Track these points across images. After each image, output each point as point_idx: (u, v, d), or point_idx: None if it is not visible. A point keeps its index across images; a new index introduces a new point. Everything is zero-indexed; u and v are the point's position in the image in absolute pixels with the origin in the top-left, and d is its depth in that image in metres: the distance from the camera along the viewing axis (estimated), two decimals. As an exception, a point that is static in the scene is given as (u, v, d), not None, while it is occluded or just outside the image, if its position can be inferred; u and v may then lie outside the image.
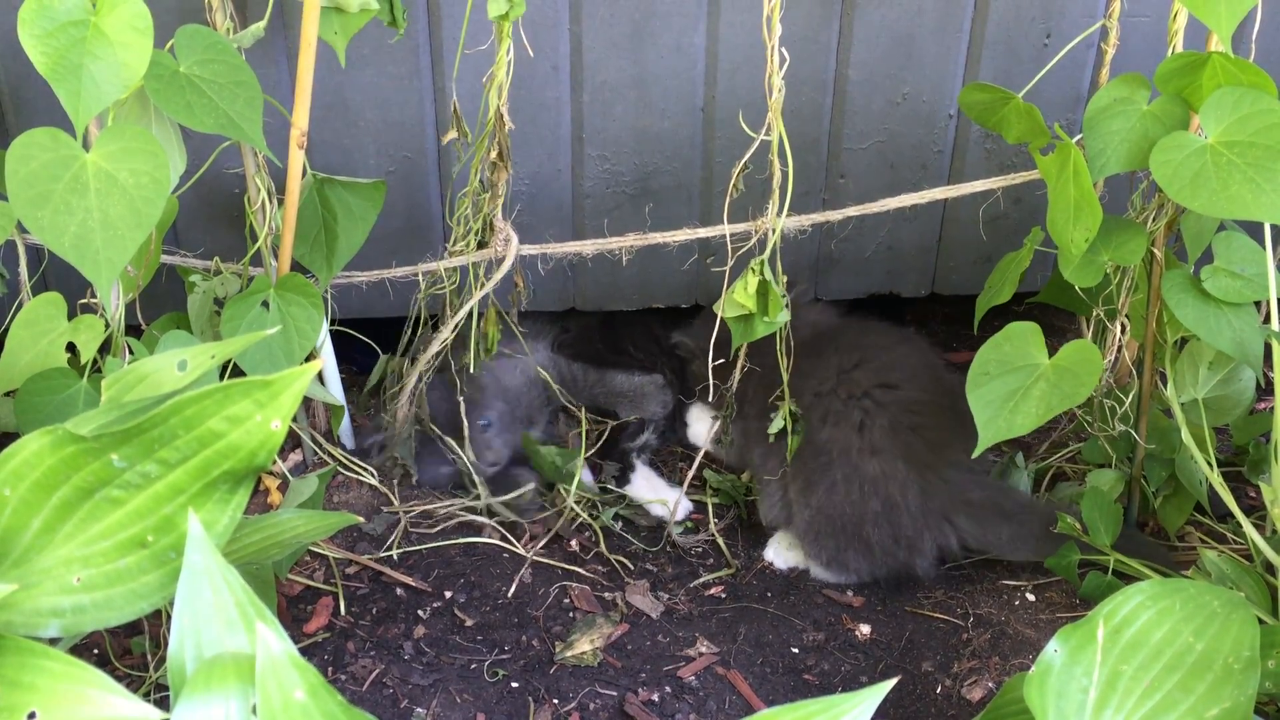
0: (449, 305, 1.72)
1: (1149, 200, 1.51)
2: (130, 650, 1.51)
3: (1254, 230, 1.41)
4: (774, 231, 1.53)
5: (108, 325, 1.45)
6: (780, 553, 1.73)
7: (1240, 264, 1.42)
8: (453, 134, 1.56)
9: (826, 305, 1.89)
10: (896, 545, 1.61)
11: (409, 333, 1.82)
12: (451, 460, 1.83)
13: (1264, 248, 1.40)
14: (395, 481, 1.81)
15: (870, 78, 1.74)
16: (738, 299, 1.54)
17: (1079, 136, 1.42)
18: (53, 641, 0.93)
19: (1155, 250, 1.49)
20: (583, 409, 1.93)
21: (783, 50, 1.42)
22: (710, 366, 1.61)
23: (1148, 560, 1.54)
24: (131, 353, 1.47)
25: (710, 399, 1.76)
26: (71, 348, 1.46)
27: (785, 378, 1.63)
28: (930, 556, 1.62)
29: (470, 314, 1.71)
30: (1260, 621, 1.18)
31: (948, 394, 1.65)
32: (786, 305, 1.54)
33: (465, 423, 1.80)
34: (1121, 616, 1.13)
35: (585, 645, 1.56)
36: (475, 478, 1.80)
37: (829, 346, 1.70)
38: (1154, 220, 1.49)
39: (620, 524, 1.80)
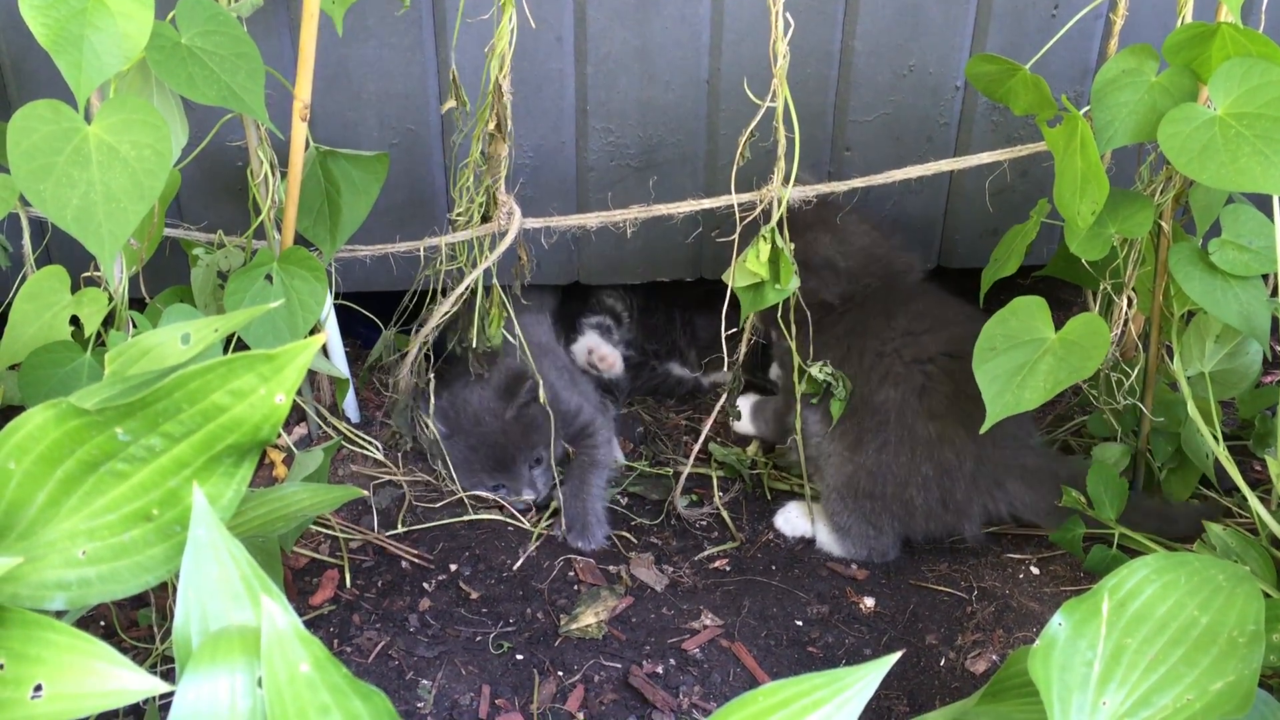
0: (456, 278, 1.72)
1: (1156, 173, 1.51)
2: (137, 623, 1.51)
3: (1262, 203, 1.40)
4: (779, 201, 1.52)
5: (111, 298, 1.44)
6: (790, 520, 1.73)
7: (1248, 237, 1.41)
8: (451, 103, 1.55)
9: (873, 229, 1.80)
10: (945, 510, 1.60)
11: (416, 306, 1.81)
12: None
13: (1272, 220, 1.39)
14: (400, 454, 1.82)
15: (876, 49, 1.73)
16: (750, 267, 1.53)
17: (1086, 108, 1.41)
18: (59, 614, 0.94)
19: (1162, 223, 1.48)
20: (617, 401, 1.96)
21: (787, 16, 1.41)
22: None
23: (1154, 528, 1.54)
24: (135, 326, 1.47)
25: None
26: (75, 321, 1.46)
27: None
28: (978, 522, 1.61)
29: (473, 288, 1.70)
30: (1265, 595, 1.18)
31: None
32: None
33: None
34: (1126, 590, 1.13)
35: (590, 618, 1.57)
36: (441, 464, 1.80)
37: (899, 309, 1.67)
38: (1161, 193, 1.48)
39: (625, 499, 1.80)
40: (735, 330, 1.63)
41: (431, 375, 1.78)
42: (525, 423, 1.77)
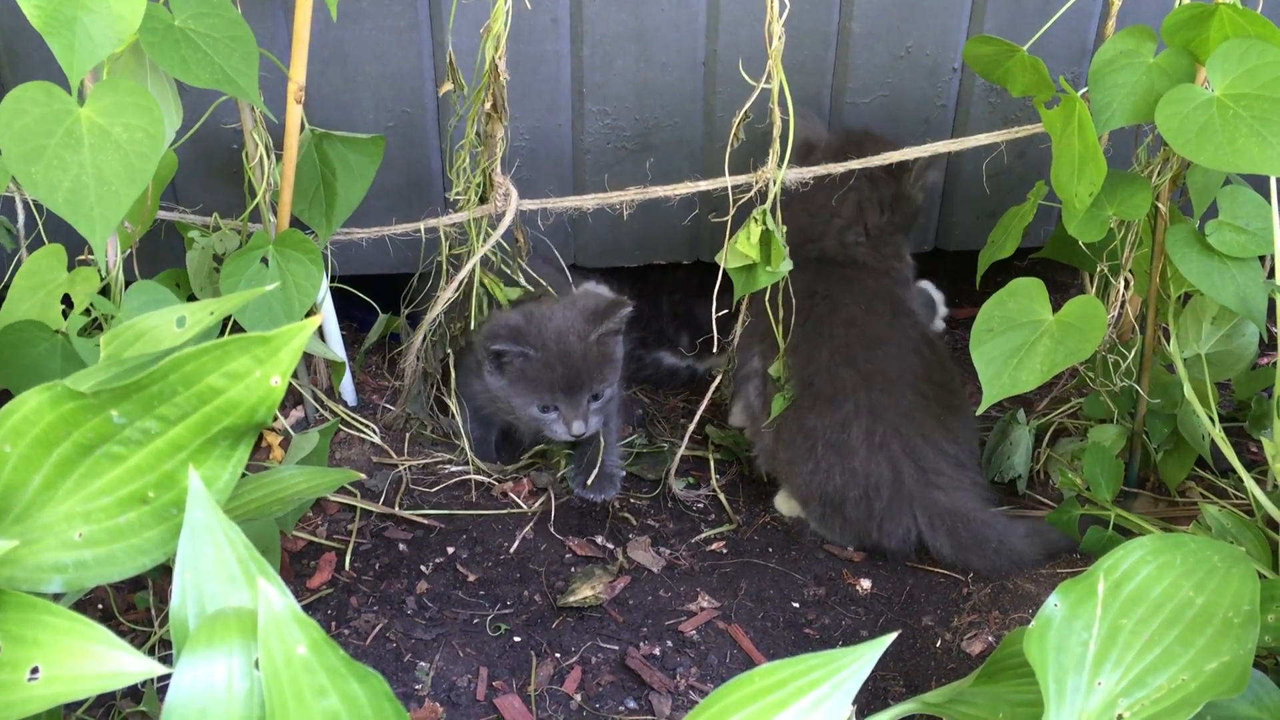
0: (449, 261, 1.71)
1: (1154, 154, 1.50)
2: (134, 606, 1.52)
3: (1260, 184, 1.40)
4: (775, 182, 1.52)
5: (103, 278, 1.44)
6: (786, 499, 1.74)
7: (1245, 218, 1.41)
8: (448, 86, 1.55)
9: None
10: (870, 523, 1.62)
11: (429, 285, 1.81)
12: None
13: (1269, 202, 1.39)
14: (408, 436, 1.81)
15: (873, 31, 1.73)
16: (741, 249, 1.53)
17: (1084, 90, 1.40)
18: (56, 597, 0.94)
19: (1160, 205, 1.48)
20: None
21: None
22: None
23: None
24: (92, 308, 1.45)
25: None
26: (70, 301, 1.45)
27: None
28: (897, 540, 1.62)
29: (473, 269, 1.70)
30: (1260, 576, 1.18)
31: (935, 385, 1.66)
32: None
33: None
34: (1122, 571, 1.13)
35: (587, 590, 1.57)
36: (465, 441, 1.79)
37: (825, 323, 1.68)
38: (1159, 174, 1.48)
39: (623, 477, 1.80)
40: (726, 312, 1.63)
41: (449, 354, 1.77)
42: (604, 353, 1.72)
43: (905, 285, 1.82)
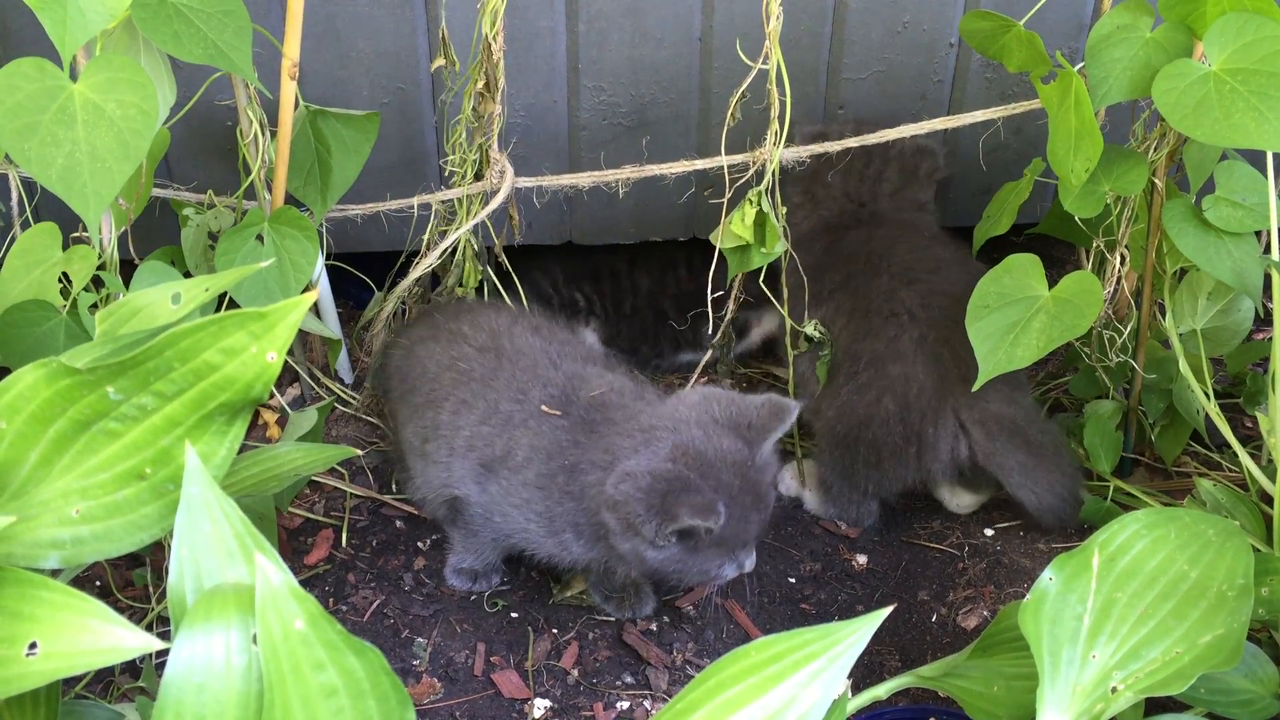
0: (434, 236, 1.70)
1: (1151, 129, 1.50)
2: (132, 582, 1.52)
3: (1256, 159, 1.40)
4: (772, 162, 1.52)
5: (100, 256, 1.43)
6: (785, 481, 1.74)
7: (1242, 193, 1.41)
8: (440, 61, 1.54)
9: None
10: (907, 443, 1.56)
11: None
12: None
13: (1266, 177, 1.39)
14: (384, 410, 1.81)
15: (870, 6, 1.72)
16: (735, 230, 1.53)
17: (1081, 65, 1.40)
18: (54, 573, 0.94)
19: (1156, 180, 1.48)
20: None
21: (781, -26, 1.40)
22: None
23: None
24: (104, 285, 1.45)
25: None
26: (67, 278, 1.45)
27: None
28: (944, 458, 1.57)
29: (458, 245, 1.69)
30: (1255, 550, 1.19)
31: None
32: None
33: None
34: (1116, 545, 1.14)
35: (580, 584, 1.57)
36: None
37: (882, 266, 1.65)
38: (1155, 150, 1.47)
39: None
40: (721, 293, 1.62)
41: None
42: (772, 471, 1.38)
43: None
